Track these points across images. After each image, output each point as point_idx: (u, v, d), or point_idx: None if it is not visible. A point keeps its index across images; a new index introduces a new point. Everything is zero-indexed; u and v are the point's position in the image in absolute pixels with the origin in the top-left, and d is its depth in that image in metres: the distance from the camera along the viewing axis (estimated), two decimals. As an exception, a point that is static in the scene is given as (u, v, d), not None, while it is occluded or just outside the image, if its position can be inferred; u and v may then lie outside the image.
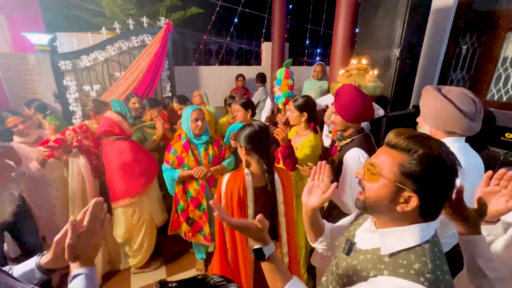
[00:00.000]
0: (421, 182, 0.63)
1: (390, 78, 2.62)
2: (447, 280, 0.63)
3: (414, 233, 0.67)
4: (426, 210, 0.66)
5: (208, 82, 5.03)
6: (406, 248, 0.67)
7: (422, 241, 0.67)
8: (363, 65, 1.99)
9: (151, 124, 2.51)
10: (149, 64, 3.45)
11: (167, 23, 3.55)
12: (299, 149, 1.87)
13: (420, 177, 0.63)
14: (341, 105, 1.51)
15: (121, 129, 1.99)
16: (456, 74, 3.40)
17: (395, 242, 0.69)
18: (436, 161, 0.62)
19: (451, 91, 1.22)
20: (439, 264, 0.65)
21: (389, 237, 0.70)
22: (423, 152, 0.63)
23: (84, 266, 0.72)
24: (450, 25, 3.15)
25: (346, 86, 1.54)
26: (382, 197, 0.69)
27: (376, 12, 2.70)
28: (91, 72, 3.38)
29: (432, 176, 0.62)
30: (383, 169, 0.68)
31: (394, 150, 0.68)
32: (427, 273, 0.62)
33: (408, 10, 2.41)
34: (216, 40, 5.65)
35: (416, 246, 0.66)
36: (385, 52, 2.64)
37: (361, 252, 0.77)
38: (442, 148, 0.64)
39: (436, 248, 0.67)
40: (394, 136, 0.69)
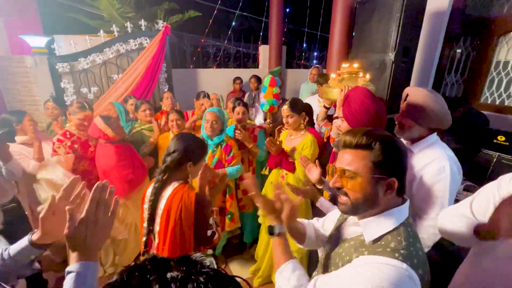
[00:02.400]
0: (391, 166, 0.74)
1: (385, 81, 2.66)
2: (419, 256, 0.70)
3: (390, 218, 0.76)
4: (402, 188, 0.77)
5: (206, 84, 5.05)
6: (385, 233, 0.75)
7: (398, 224, 0.75)
8: (354, 69, 1.99)
9: (150, 127, 2.51)
10: (147, 67, 3.46)
11: (165, 26, 3.57)
12: (298, 149, 1.88)
13: (389, 163, 0.74)
14: (350, 111, 1.32)
15: (104, 134, 1.99)
16: (451, 77, 3.45)
17: (375, 229, 0.77)
18: (392, 145, 0.74)
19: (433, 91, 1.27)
20: (412, 242, 0.72)
21: (370, 226, 0.78)
22: (380, 142, 0.73)
23: (83, 260, 0.64)
24: (444, 30, 3.20)
25: (359, 89, 1.36)
26: (368, 193, 0.76)
27: (371, 16, 2.75)
28: (88, 75, 3.39)
29: (396, 158, 0.75)
30: (358, 169, 0.75)
31: (358, 149, 0.76)
32: (401, 250, 0.69)
33: (403, 14, 2.45)
34: (213, 43, 5.68)
35: (393, 229, 0.74)
36: (380, 56, 2.68)
37: (346, 241, 0.86)
38: (388, 134, 0.77)
39: (409, 228, 0.76)
40: (351, 137, 0.77)
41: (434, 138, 1.28)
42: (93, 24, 5.13)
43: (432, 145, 1.26)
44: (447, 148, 1.27)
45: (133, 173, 2.12)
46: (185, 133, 1.38)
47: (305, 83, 4.20)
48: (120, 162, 2.06)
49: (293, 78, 5.91)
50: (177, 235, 1.22)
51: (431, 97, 1.22)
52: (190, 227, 1.23)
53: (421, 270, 0.68)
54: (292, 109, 1.89)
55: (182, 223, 1.22)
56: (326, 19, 6.68)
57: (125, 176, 2.07)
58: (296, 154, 1.87)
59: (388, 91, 2.66)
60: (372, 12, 2.74)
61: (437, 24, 3.20)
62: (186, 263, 0.44)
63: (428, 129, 1.28)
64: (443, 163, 1.19)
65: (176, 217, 1.21)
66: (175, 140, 1.32)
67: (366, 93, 1.32)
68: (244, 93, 4.83)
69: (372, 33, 2.76)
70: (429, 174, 1.21)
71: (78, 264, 0.63)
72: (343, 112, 1.36)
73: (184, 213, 1.21)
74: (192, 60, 5.55)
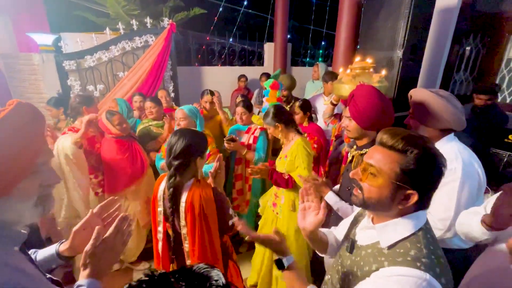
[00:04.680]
0: (419, 179, 0.68)
1: (392, 79, 2.62)
2: (442, 263, 0.67)
3: (408, 223, 0.72)
4: (422, 203, 0.72)
5: (211, 82, 5.05)
6: (402, 238, 0.71)
7: (415, 230, 0.71)
8: (368, 64, 1.90)
9: (158, 124, 2.52)
10: (152, 64, 3.46)
11: (170, 23, 3.57)
12: (289, 157, 1.75)
13: (418, 175, 0.68)
14: (357, 109, 1.28)
15: (107, 129, 2.10)
16: (460, 75, 3.39)
17: (392, 234, 0.73)
18: (430, 159, 0.68)
19: (439, 91, 1.24)
20: (433, 249, 0.68)
21: (386, 231, 0.74)
22: (418, 151, 0.67)
23: (90, 278, 0.70)
24: (453, 26, 3.14)
25: (364, 87, 1.33)
26: (384, 196, 0.72)
27: (379, 13, 2.70)
28: (95, 72, 3.40)
29: (427, 172, 0.68)
30: (383, 169, 0.71)
31: (391, 151, 0.71)
32: (422, 258, 0.66)
33: (412, 11, 2.41)
34: (218, 40, 5.66)
35: (411, 235, 0.71)
36: (388, 53, 2.64)
37: (362, 248, 0.80)
38: (432, 146, 0.70)
39: (429, 234, 0.72)
40: (389, 137, 0.72)
41: (447, 140, 1.24)
42: (99, 22, 5.15)
43: (444, 147, 1.22)
44: (465, 150, 1.22)
45: (131, 167, 2.19)
46: (183, 129, 1.34)
47: (310, 81, 4.17)
48: (120, 156, 2.14)
49: (298, 76, 5.84)
50: (205, 232, 1.23)
51: (433, 97, 1.20)
52: (215, 221, 1.25)
53: (444, 279, 0.65)
54: (266, 122, 1.83)
55: (208, 219, 1.23)
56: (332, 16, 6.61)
57: (124, 169, 2.16)
58: (288, 163, 1.76)
59: (396, 89, 2.62)
60: (379, 9, 2.70)
61: (446, 21, 3.14)
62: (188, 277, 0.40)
63: (439, 131, 1.25)
64: (454, 165, 1.16)
65: (201, 215, 1.22)
66: (176, 139, 1.26)
67: (373, 91, 1.29)
68: (249, 90, 4.82)
69: (380, 30, 2.72)
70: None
71: (89, 280, 0.70)
72: (350, 110, 1.33)
73: (207, 210, 1.22)
74: (197, 57, 5.54)
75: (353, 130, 1.34)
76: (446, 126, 1.22)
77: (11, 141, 0.58)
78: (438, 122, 1.22)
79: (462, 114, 1.20)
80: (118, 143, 2.15)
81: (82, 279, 0.70)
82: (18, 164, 0.59)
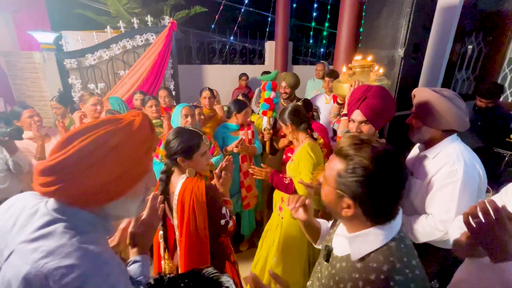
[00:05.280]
0: (352, 188, 0.65)
1: (394, 78, 2.61)
2: (417, 276, 0.63)
3: (378, 233, 0.68)
4: (369, 215, 0.68)
5: (212, 81, 5.04)
6: (373, 250, 0.67)
7: (387, 240, 0.67)
8: (368, 62, 1.88)
9: (157, 122, 2.52)
10: (153, 63, 3.47)
11: (171, 22, 3.56)
12: (295, 161, 1.71)
13: (351, 184, 0.65)
14: (375, 111, 1.24)
15: None
16: (461, 74, 3.38)
17: (362, 246, 0.69)
18: (364, 170, 0.63)
19: (444, 91, 1.22)
20: (407, 261, 0.65)
21: (357, 242, 0.71)
22: (356, 161, 0.64)
23: (140, 254, 0.83)
24: (455, 25, 3.12)
25: (374, 88, 1.31)
26: (329, 202, 0.72)
27: (380, 11, 2.69)
28: (95, 71, 3.41)
29: (363, 182, 0.64)
30: (328, 175, 0.72)
31: (337, 157, 0.70)
32: (396, 276, 0.62)
33: (413, 9, 2.39)
34: (219, 39, 5.65)
35: (383, 245, 0.67)
36: (389, 52, 2.63)
37: (337, 259, 0.78)
38: (377, 156, 0.64)
39: (403, 244, 0.68)
40: (339, 143, 0.70)
41: (450, 141, 1.23)
42: (100, 20, 5.15)
43: (447, 148, 1.22)
44: (466, 151, 1.21)
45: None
46: (177, 127, 1.37)
47: (311, 80, 4.16)
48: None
49: (299, 74, 5.85)
50: (192, 226, 1.25)
51: (437, 97, 1.19)
52: (204, 217, 1.26)
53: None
54: (279, 119, 1.79)
55: (196, 214, 1.24)
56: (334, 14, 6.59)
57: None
58: (293, 167, 1.71)
59: (397, 88, 2.61)
60: (381, 7, 2.68)
61: (448, 19, 3.12)
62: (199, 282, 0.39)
63: (441, 132, 1.24)
64: (456, 166, 1.15)
65: (190, 209, 1.23)
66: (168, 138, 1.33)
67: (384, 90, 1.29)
68: (249, 89, 4.81)
69: (381, 29, 2.71)
70: (439, 177, 1.18)
71: (140, 256, 0.82)
72: (365, 113, 1.28)
73: (197, 204, 1.23)
74: (198, 56, 5.54)
75: (368, 134, 1.29)
76: (449, 127, 1.21)
77: (139, 148, 0.66)
78: (441, 123, 1.21)
79: (466, 115, 1.19)
80: None
81: (135, 256, 0.82)
82: (139, 169, 0.68)
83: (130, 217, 0.80)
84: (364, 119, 1.29)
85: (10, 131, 1.71)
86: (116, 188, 0.64)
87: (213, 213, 1.27)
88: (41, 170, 0.59)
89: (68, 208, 0.61)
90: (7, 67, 3.20)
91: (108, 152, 0.60)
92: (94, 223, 0.64)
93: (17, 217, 0.61)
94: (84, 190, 0.60)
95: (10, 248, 0.57)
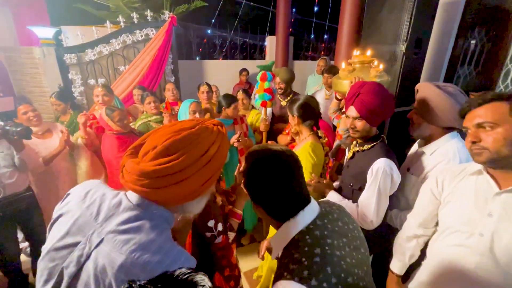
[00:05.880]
0: (253, 194, 0.75)
1: (395, 73, 2.60)
2: (314, 263, 0.63)
3: (286, 230, 0.72)
4: (271, 214, 0.75)
5: (212, 76, 5.02)
6: (284, 247, 0.71)
7: (294, 234, 0.70)
8: (367, 58, 1.83)
9: (157, 119, 2.52)
10: (153, 58, 3.45)
11: (171, 16, 3.53)
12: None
13: (249, 186, 0.75)
14: (367, 107, 1.23)
15: (108, 125, 2.08)
16: (464, 69, 3.35)
17: (277, 245, 0.74)
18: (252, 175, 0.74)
19: (449, 87, 1.21)
20: (308, 250, 0.65)
21: (274, 242, 0.76)
22: (245, 166, 0.75)
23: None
24: (458, 20, 3.08)
25: (368, 84, 1.28)
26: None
27: (382, 6, 2.66)
28: (95, 66, 3.39)
29: (254, 182, 0.74)
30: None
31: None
32: (291, 265, 0.64)
33: (416, 4, 2.37)
34: (220, 34, 5.61)
35: (290, 241, 0.70)
36: (391, 47, 2.61)
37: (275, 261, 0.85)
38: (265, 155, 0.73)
39: (308, 235, 0.69)
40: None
41: (449, 138, 1.23)
42: (99, 15, 5.10)
43: (444, 145, 1.22)
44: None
45: None
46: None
47: (312, 75, 4.13)
48: (120, 153, 2.11)
49: (300, 70, 5.83)
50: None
51: (440, 94, 1.18)
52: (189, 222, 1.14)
53: (314, 280, 0.60)
54: (288, 108, 1.71)
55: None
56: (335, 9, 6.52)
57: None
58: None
59: (398, 83, 2.60)
60: (383, 2, 2.65)
61: (451, 14, 3.08)
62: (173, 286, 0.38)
63: (442, 128, 1.23)
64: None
65: None
66: None
67: (378, 86, 1.27)
68: (250, 84, 4.80)
69: (383, 24, 2.68)
70: (433, 174, 1.17)
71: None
72: (359, 110, 1.26)
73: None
74: (198, 51, 5.51)
75: (362, 130, 1.29)
76: (450, 124, 1.21)
77: (226, 152, 0.75)
78: (442, 121, 1.21)
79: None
80: (119, 140, 2.12)
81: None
82: (220, 170, 0.74)
83: (197, 213, 0.81)
84: (357, 115, 1.27)
85: (20, 130, 1.74)
86: (203, 190, 0.70)
87: (197, 221, 1.16)
88: (143, 172, 0.63)
89: (151, 204, 0.66)
90: (7, 63, 3.19)
91: (208, 160, 0.67)
92: (169, 220, 0.70)
93: (99, 206, 0.65)
94: (177, 194, 0.66)
95: (100, 235, 0.61)
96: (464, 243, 0.92)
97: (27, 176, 2.01)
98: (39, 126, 2.15)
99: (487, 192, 0.89)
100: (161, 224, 0.66)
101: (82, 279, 0.59)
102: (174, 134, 0.66)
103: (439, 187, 1.04)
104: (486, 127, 0.83)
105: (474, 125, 0.87)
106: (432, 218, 1.07)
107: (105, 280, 0.58)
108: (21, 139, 1.80)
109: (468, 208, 0.92)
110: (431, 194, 1.06)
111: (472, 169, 0.96)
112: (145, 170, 0.63)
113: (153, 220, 0.65)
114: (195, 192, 0.68)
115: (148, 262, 0.58)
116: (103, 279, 0.58)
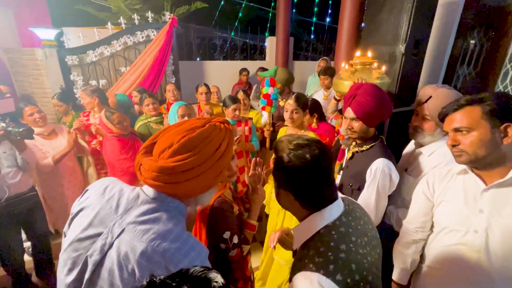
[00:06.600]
0: (286, 179, 0.75)
1: (394, 74, 2.61)
2: (339, 259, 0.64)
3: (311, 222, 0.73)
4: (302, 201, 0.74)
5: (212, 77, 5.04)
6: (308, 239, 0.72)
7: (320, 228, 0.71)
8: (369, 59, 1.83)
9: (156, 120, 2.53)
10: (154, 59, 3.47)
11: (172, 17, 3.55)
12: None
13: (284, 176, 0.75)
14: (363, 109, 1.23)
15: (108, 128, 2.06)
16: (463, 70, 3.36)
17: (300, 235, 0.75)
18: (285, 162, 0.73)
19: (451, 88, 1.23)
20: (334, 246, 0.67)
21: (297, 232, 0.78)
22: (278, 156, 0.75)
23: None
24: (457, 20, 3.10)
25: (365, 86, 1.28)
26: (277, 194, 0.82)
27: (382, 7, 2.68)
28: (97, 67, 3.42)
29: (286, 172, 0.73)
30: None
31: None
32: (316, 258, 0.65)
33: (415, 5, 2.38)
34: (220, 34, 5.63)
35: (315, 234, 0.71)
36: (390, 48, 2.63)
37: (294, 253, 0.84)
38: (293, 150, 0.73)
39: (334, 231, 0.70)
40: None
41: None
42: (100, 16, 5.13)
43: (443, 147, 1.22)
44: None
45: (131, 167, 2.14)
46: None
47: (312, 75, 4.15)
48: (123, 155, 2.10)
49: (300, 70, 5.85)
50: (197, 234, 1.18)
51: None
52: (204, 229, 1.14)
53: (339, 275, 0.62)
54: (297, 104, 1.77)
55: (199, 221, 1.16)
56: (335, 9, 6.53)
57: (126, 169, 2.12)
58: None
59: (398, 84, 2.61)
60: (382, 3, 2.67)
61: (450, 15, 3.10)
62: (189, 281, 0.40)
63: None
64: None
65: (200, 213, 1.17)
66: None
67: (375, 88, 1.27)
68: (250, 84, 4.81)
69: (382, 24, 2.70)
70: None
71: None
72: (355, 110, 1.26)
73: (201, 212, 1.15)
74: (199, 52, 5.53)
75: (359, 131, 1.30)
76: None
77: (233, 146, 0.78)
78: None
79: None
80: (120, 142, 2.10)
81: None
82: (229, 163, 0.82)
83: (206, 204, 0.87)
84: (354, 116, 1.28)
85: (22, 131, 1.76)
86: (215, 182, 0.76)
87: (213, 231, 1.11)
88: (162, 169, 0.67)
89: (166, 197, 0.71)
90: (9, 64, 3.22)
91: (220, 155, 0.72)
92: (183, 212, 0.74)
93: (118, 199, 0.70)
94: (194, 187, 0.71)
95: (121, 226, 0.66)
96: (461, 241, 0.94)
97: (30, 176, 2.03)
98: (44, 127, 2.17)
99: (475, 189, 0.92)
100: (176, 215, 0.71)
101: (106, 266, 0.63)
102: (188, 132, 0.70)
103: (430, 189, 1.07)
104: (463, 131, 0.89)
105: (452, 130, 0.92)
106: (429, 221, 1.09)
107: (128, 266, 0.62)
108: (24, 139, 1.82)
109: (460, 206, 0.95)
110: (425, 197, 1.08)
111: (457, 169, 1.00)
112: (165, 166, 0.67)
113: (169, 212, 0.70)
114: (209, 185, 0.74)
115: (168, 249, 0.63)
116: (126, 265, 0.62)
